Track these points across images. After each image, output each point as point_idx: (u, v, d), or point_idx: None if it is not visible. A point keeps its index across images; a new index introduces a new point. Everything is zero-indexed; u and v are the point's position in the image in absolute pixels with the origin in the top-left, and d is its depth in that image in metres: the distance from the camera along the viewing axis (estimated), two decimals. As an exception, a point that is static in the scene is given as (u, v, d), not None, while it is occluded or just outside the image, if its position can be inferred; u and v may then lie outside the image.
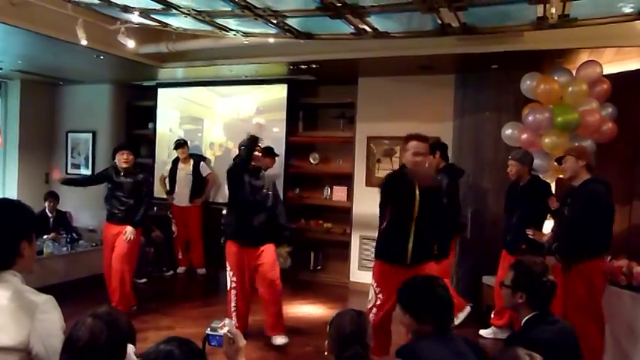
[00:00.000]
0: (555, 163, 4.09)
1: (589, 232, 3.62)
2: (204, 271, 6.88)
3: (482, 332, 4.72)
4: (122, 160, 4.99)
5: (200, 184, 6.88)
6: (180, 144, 6.84)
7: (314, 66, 5.87)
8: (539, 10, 3.24)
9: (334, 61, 5.50)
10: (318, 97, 7.08)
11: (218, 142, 7.30)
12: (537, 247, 4.10)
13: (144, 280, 6.28)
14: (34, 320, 1.55)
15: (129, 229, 4.87)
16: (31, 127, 7.84)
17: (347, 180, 6.61)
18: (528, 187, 4.44)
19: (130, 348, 1.58)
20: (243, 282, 4.29)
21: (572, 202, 3.75)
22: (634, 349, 3.37)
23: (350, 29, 3.84)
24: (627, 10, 3.22)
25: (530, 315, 2.29)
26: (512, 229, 4.49)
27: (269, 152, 6.02)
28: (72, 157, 8.08)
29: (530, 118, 4.52)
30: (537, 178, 4.52)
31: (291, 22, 3.85)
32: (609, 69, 4.87)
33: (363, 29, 3.82)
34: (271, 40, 4.54)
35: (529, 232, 4.17)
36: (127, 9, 4.00)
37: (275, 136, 6.77)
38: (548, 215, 4.46)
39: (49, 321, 1.58)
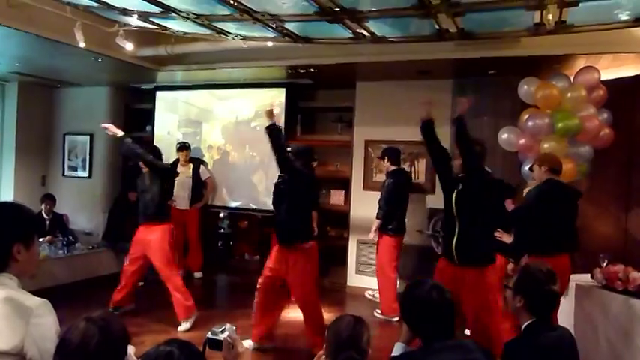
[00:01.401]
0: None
1: (528, 231, 3.90)
2: (201, 274, 6.86)
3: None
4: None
5: (199, 187, 6.86)
6: (185, 147, 6.81)
7: (312, 70, 5.89)
8: (537, 16, 3.26)
9: (332, 66, 5.51)
10: (317, 101, 7.10)
11: (216, 146, 7.30)
12: (507, 249, 4.20)
13: (140, 284, 6.24)
14: (28, 324, 1.54)
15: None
16: (29, 130, 7.82)
17: (345, 184, 6.61)
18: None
19: (131, 348, 1.58)
20: None
21: None
22: (629, 354, 3.37)
23: (348, 34, 3.85)
24: (623, 16, 3.24)
25: (529, 321, 2.27)
26: None
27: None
28: (69, 159, 8.07)
29: (530, 123, 4.52)
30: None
31: (290, 26, 3.86)
32: (606, 75, 4.89)
33: (361, 34, 3.84)
34: (270, 43, 4.56)
35: (497, 233, 4.21)
36: (125, 12, 4.00)
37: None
38: None
39: (44, 325, 1.57)
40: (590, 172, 4.69)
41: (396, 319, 5.17)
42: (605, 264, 3.84)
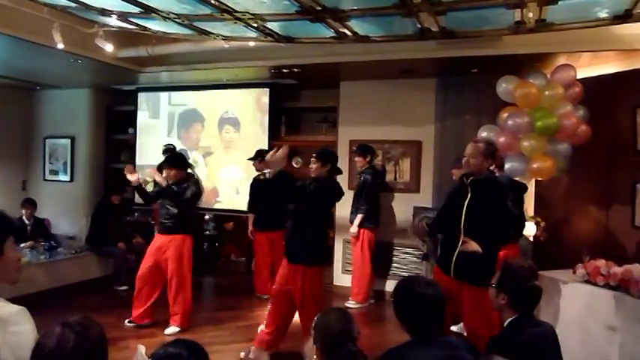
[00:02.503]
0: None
1: None
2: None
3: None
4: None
5: None
6: (170, 149, 6.70)
7: (296, 70, 5.87)
8: (517, 14, 3.28)
9: (316, 65, 5.51)
10: (301, 101, 7.09)
11: (200, 147, 7.25)
12: None
13: (125, 288, 6.19)
14: (6, 333, 1.51)
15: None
16: (7, 133, 7.69)
17: (329, 184, 6.59)
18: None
19: (142, 348, 1.56)
20: None
21: None
22: (611, 347, 3.41)
23: (331, 33, 3.84)
24: (602, 14, 3.27)
25: (512, 317, 2.30)
26: None
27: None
28: (50, 163, 7.96)
29: (510, 121, 4.56)
30: None
31: (272, 25, 3.83)
32: (586, 72, 4.95)
33: (344, 33, 3.82)
34: (252, 43, 4.53)
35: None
36: (104, 12, 3.94)
37: (257, 140, 6.75)
38: None
39: (22, 333, 1.54)
40: (572, 170, 4.74)
41: (370, 302, 5.75)
42: (587, 259, 3.89)
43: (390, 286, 6.07)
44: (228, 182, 7.06)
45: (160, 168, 5.78)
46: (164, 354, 1.46)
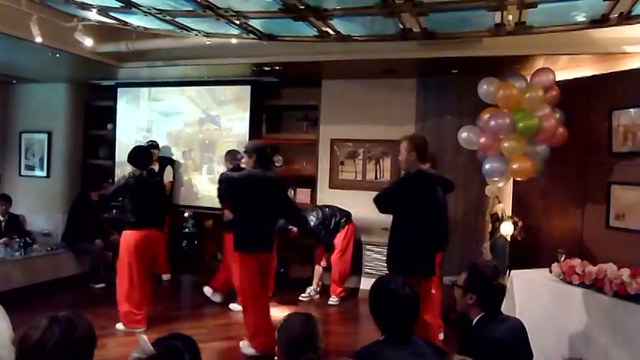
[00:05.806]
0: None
1: None
2: (169, 276, 6.70)
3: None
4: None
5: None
6: (153, 146, 6.56)
7: (277, 68, 5.86)
8: (497, 17, 3.33)
9: (298, 64, 5.50)
10: (282, 99, 7.08)
11: (180, 143, 7.18)
12: None
13: (101, 285, 6.12)
14: (-20, 330, 1.48)
15: None
16: (-18, 127, 7.53)
17: (310, 182, 6.61)
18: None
19: (143, 337, 1.58)
20: None
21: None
22: (585, 346, 3.48)
23: (313, 32, 3.85)
24: (580, 18, 3.34)
25: (480, 315, 2.37)
26: None
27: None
28: (26, 158, 7.81)
29: (492, 122, 4.61)
30: None
31: (254, 23, 3.82)
32: (563, 75, 5.04)
33: (326, 32, 3.83)
34: (234, 40, 4.51)
35: None
36: (84, 6, 3.88)
37: (238, 137, 6.71)
38: None
39: None
40: (548, 171, 4.83)
41: None
42: (562, 259, 3.97)
43: (365, 284, 6.12)
44: (206, 179, 7.01)
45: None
46: (162, 344, 1.55)
